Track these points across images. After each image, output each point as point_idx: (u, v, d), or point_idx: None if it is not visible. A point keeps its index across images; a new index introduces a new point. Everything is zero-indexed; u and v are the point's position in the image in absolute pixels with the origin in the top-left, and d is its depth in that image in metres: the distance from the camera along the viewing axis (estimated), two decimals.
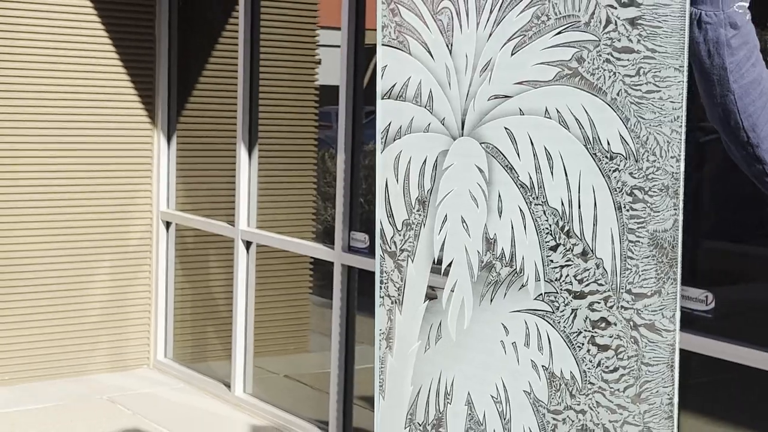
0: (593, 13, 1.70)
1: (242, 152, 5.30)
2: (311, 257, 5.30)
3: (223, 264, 5.64)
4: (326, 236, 5.12)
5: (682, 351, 3.45)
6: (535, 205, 1.69)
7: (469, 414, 1.70)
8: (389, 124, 1.76)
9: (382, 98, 1.77)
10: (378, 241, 1.80)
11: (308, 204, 5.54)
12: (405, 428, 1.76)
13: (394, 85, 1.75)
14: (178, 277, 5.96)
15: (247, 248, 5.37)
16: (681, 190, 1.79)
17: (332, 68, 4.83)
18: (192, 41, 5.90)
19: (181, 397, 5.59)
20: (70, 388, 5.65)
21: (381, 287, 1.78)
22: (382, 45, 1.75)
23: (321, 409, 4.90)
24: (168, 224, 5.93)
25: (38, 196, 5.63)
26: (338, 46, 4.65)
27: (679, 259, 1.80)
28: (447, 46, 1.68)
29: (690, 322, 3.50)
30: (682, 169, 1.78)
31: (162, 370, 5.94)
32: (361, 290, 4.68)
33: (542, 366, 1.70)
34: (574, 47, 1.70)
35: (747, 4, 1.90)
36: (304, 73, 5.67)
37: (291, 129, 5.63)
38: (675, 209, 1.79)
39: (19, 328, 5.65)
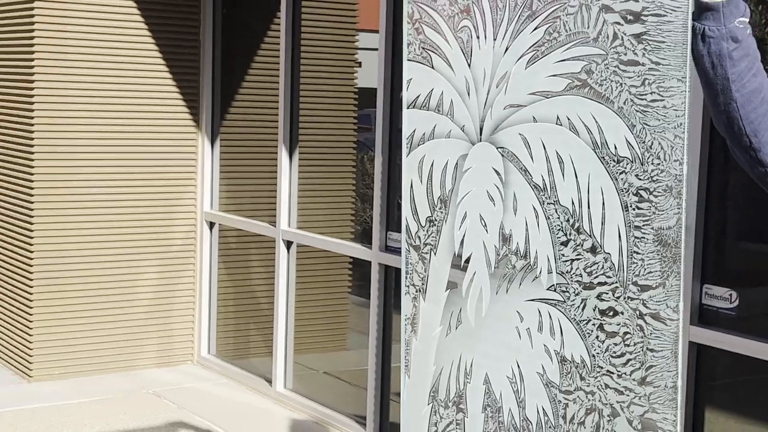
0: (601, 30, 1.89)
1: (283, 154, 5.52)
2: (350, 257, 5.51)
3: (264, 263, 5.86)
4: (364, 236, 5.32)
5: (707, 348, 3.62)
6: (547, 204, 1.88)
7: (487, 392, 1.90)
8: (414, 131, 1.96)
9: (408, 108, 1.97)
10: (404, 235, 2.00)
11: (347, 205, 5.75)
12: (428, 404, 1.96)
13: (418, 96, 1.95)
14: (221, 275, 6.20)
15: (288, 248, 5.59)
16: (684, 191, 1.96)
17: (371, 71, 5.01)
18: (235, 46, 6.14)
19: (223, 392, 5.83)
20: (118, 382, 5.91)
21: (407, 277, 1.97)
22: (408, 60, 1.95)
23: (359, 405, 5.10)
24: (212, 225, 6.17)
25: (89, 198, 5.89)
26: (377, 49, 4.84)
27: (683, 254, 1.97)
28: (466, 60, 1.87)
29: (715, 319, 3.67)
30: (686, 171, 1.96)
31: (206, 366, 6.19)
32: (399, 289, 4.87)
33: (554, 350, 1.89)
34: (584, 60, 1.88)
35: (747, 20, 2.07)
36: (344, 76, 5.87)
37: (330, 131, 5.84)
38: (678, 208, 1.97)
39: (71, 325, 5.92)
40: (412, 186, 1.97)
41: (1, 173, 6.10)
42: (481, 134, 1.89)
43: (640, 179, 1.94)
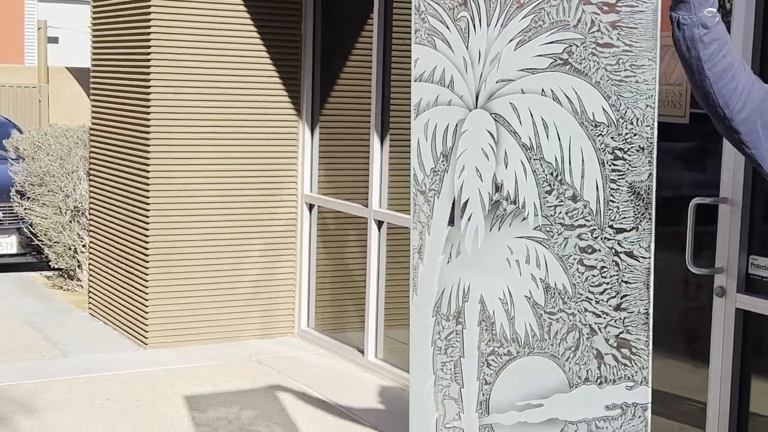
0: (580, 18, 2.38)
1: (375, 140, 6.10)
2: None
3: (358, 242, 6.46)
4: None
5: (752, 314, 4.06)
6: (534, 160, 2.38)
7: (482, 310, 2.40)
8: (420, 99, 2.49)
9: (415, 81, 2.50)
10: (412, 182, 2.53)
11: None
12: (432, 317, 2.48)
13: (423, 72, 2.48)
14: (319, 254, 6.83)
15: (379, 227, 6.16)
16: (654, 151, 2.43)
17: None
18: (333, 39, 6.75)
19: (320, 361, 6.46)
20: (224, 351, 6.59)
21: (414, 215, 2.50)
22: (415, 44, 2.48)
23: None
24: (311, 206, 6.81)
25: (200, 182, 6.59)
26: None
27: (653, 202, 2.44)
28: (464, 43, 2.39)
29: (761, 288, 4.08)
30: (656, 134, 2.43)
31: (305, 338, 6.83)
32: None
33: (540, 278, 2.39)
34: (565, 43, 2.38)
35: (715, 9, 2.54)
36: None
37: None
38: (650, 165, 2.44)
39: (183, 299, 6.63)
40: (419, 143, 2.50)
41: (121, 159, 6.85)
42: (476, 102, 2.40)
43: (615, 141, 2.42)
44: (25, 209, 8.67)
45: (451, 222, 2.42)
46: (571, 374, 2.42)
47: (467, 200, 2.39)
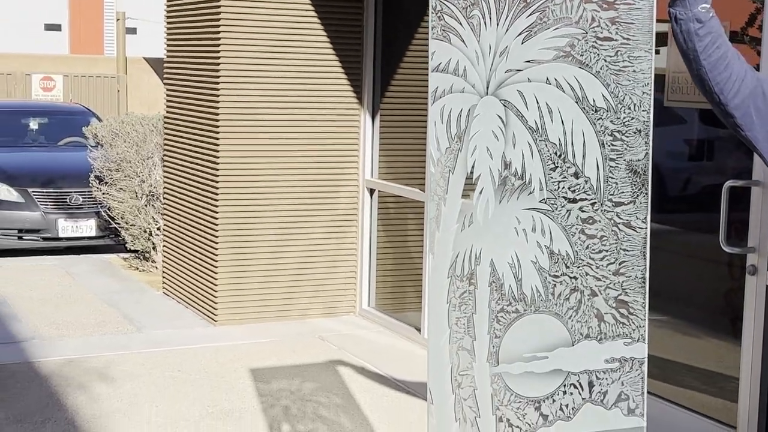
0: (582, 15, 2.72)
1: None
2: None
3: (416, 225, 6.85)
4: None
5: None
6: (539, 141, 2.75)
7: (492, 273, 2.78)
8: (437, 87, 2.87)
9: (432, 72, 2.88)
10: (428, 159, 2.91)
11: None
12: (447, 278, 2.86)
13: (440, 63, 2.85)
14: (379, 237, 7.25)
15: None
16: (650, 133, 2.78)
17: None
18: (393, 30, 7.15)
19: (378, 338, 6.88)
20: (289, 328, 7.05)
21: (431, 188, 2.89)
22: (433, 39, 2.86)
23: None
24: (372, 191, 7.22)
25: (267, 167, 7.04)
26: None
27: (650, 179, 2.78)
28: (476, 38, 2.76)
29: None
30: (651, 118, 2.77)
31: (365, 317, 7.26)
32: None
33: (545, 245, 2.76)
34: (568, 38, 2.73)
35: (708, 5, 2.88)
36: None
37: None
38: (646, 145, 2.79)
39: (250, 279, 7.10)
40: (435, 126, 2.88)
41: (193, 146, 7.35)
42: (487, 90, 2.77)
43: (614, 124, 2.76)
44: (103, 194, 9.24)
45: (465, 195, 2.79)
46: (573, 331, 2.78)
47: (479, 176, 2.77)
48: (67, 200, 9.98)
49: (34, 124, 11.79)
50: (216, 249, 7.02)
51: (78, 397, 5.57)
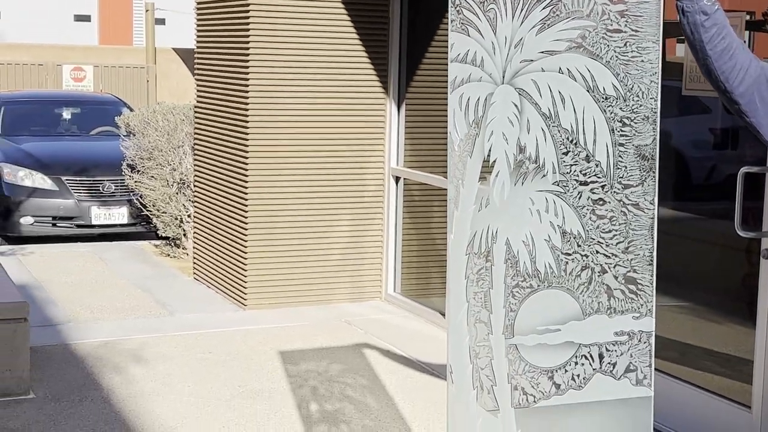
0: (593, 9, 2.91)
1: None
2: None
3: (441, 213, 7.06)
4: None
5: None
6: (552, 126, 2.94)
7: (508, 251, 2.98)
8: (456, 77, 3.07)
9: (451, 62, 3.08)
10: (448, 144, 3.12)
11: None
12: (465, 254, 3.07)
13: (458, 54, 3.06)
14: (405, 223, 7.47)
15: None
16: (658, 119, 2.97)
17: None
18: (418, 21, 7.35)
19: (403, 322, 7.09)
20: (316, 312, 7.28)
21: (451, 172, 3.10)
22: (452, 31, 3.06)
23: None
24: (397, 179, 7.43)
25: (295, 156, 7.26)
26: None
27: (657, 163, 2.97)
28: (493, 30, 2.96)
29: None
30: (659, 105, 2.96)
31: (391, 302, 7.47)
32: None
33: (558, 225, 2.96)
34: (579, 30, 2.92)
35: None
36: None
37: None
38: (654, 131, 2.98)
39: (279, 265, 7.32)
40: (454, 113, 3.09)
41: (222, 135, 7.58)
42: (503, 79, 2.97)
43: (623, 111, 2.96)
44: (135, 182, 9.51)
45: (482, 178, 3.00)
46: (584, 305, 2.98)
47: (495, 160, 2.97)
48: (100, 188, 10.26)
49: (67, 114, 12.10)
50: (245, 235, 7.25)
51: (113, 377, 5.82)
